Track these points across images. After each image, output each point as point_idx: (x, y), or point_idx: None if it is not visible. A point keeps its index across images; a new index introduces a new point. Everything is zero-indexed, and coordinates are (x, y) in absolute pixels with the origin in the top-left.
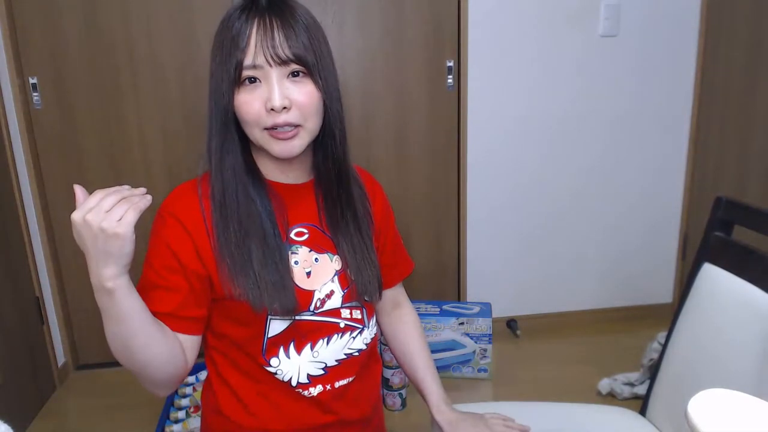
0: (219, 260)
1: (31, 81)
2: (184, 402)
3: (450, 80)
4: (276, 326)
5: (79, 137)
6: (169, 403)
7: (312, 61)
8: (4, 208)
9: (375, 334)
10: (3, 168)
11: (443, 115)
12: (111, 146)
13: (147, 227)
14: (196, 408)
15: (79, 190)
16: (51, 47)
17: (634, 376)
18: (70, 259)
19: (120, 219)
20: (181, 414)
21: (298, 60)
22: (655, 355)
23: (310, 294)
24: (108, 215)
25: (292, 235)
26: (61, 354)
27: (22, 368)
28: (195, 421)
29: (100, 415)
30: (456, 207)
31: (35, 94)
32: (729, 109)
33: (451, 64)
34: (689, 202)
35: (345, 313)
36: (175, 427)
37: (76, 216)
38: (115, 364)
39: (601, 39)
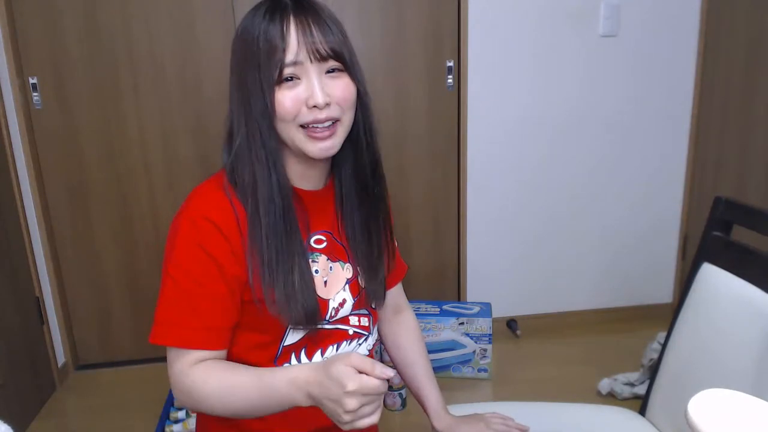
0: (252, 270)
1: (31, 81)
2: None
3: (450, 80)
4: (293, 336)
5: (79, 137)
6: (169, 403)
7: (347, 56)
8: (4, 208)
9: (376, 340)
10: (3, 168)
11: (443, 115)
12: (111, 146)
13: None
14: None
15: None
16: (51, 47)
17: (634, 376)
18: (70, 259)
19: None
20: (181, 414)
21: (335, 55)
22: (655, 355)
23: (326, 303)
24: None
25: (312, 242)
26: (61, 354)
27: (22, 368)
28: (195, 422)
29: (100, 415)
30: (456, 207)
31: (35, 94)
32: (729, 109)
33: (451, 64)
34: (689, 202)
35: (353, 320)
36: (175, 427)
37: (355, 400)
38: (115, 364)
39: (601, 39)
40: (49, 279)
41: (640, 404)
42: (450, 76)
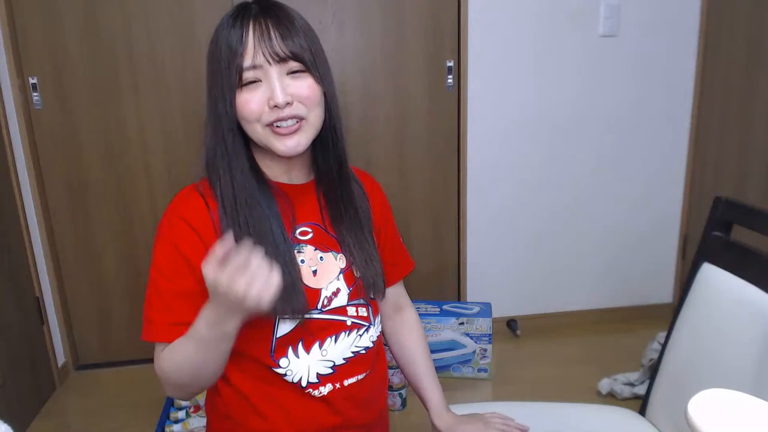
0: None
1: (31, 81)
2: (185, 402)
3: (450, 80)
4: (284, 326)
5: (79, 137)
6: (170, 403)
7: (309, 58)
8: (4, 208)
9: (380, 332)
10: (3, 168)
11: (443, 115)
12: (111, 146)
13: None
14: (197, 408)
15: (220, 247)
16: (51, 47)
17: (634, 376)
18: (70, 259)
19: (261, 293)
20: (181, 414)
21: (295, 57)
22: (655, 355)
23: (317, 292)
24: (254, 285)
25: (297, 234)
26: (61, 354)
27: (22, 368)
28: (195, 421)
29: (100, 415)
30: (456, 207)
31: (35, 94)
32: (729, 109)
33: (451, 64)
34: (689, 202)
35: (351, 310)
36: (175, 427)
37: (222, 279)
38: (115, 364)
39: (601, 39)
40: (49, 279)
41: (640, 404)
42: (450, 76)
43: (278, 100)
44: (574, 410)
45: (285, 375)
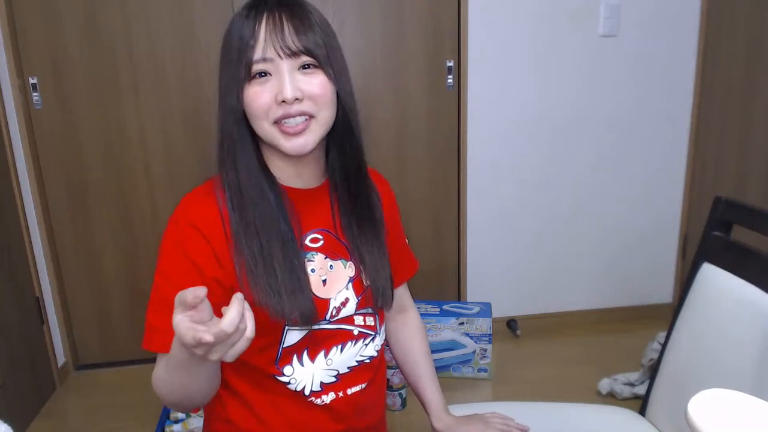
0: (240, 266)
1: (31, 81)
2: None
3: (450, 80)
4: (292, 336)
5: (79, 137)
6: None
7: (323, 54)
8: (4, 208)
9: (384, 340)
10: (3, 168)
11: (443, 115)
12: (111, 146)
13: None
14: (197, 408)
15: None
16: (51, 47)
17: (634, 376)
18: (70, 259)
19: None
20: (181, 414)
21: (308, 52)
22: (655, 355)
23: (326, 303)
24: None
25: (307, 241)
26: (61, 354)
27: (22, 368)
28: (195, 421)
29: (100, 415)
30: (456, 207)
31: (35, 94)
32: (729, 109)
33: (451, 64)
34: (689, 202)
35: (358, 320)
36: (175, 427)
37: (187, 336)
38: (115, 364)
39: (601, 39)
40: (49, 279)
41: (640, 404)
42: (450, 76)
43: (287, 95)
44: (574, 410)
45: (288, 383)
